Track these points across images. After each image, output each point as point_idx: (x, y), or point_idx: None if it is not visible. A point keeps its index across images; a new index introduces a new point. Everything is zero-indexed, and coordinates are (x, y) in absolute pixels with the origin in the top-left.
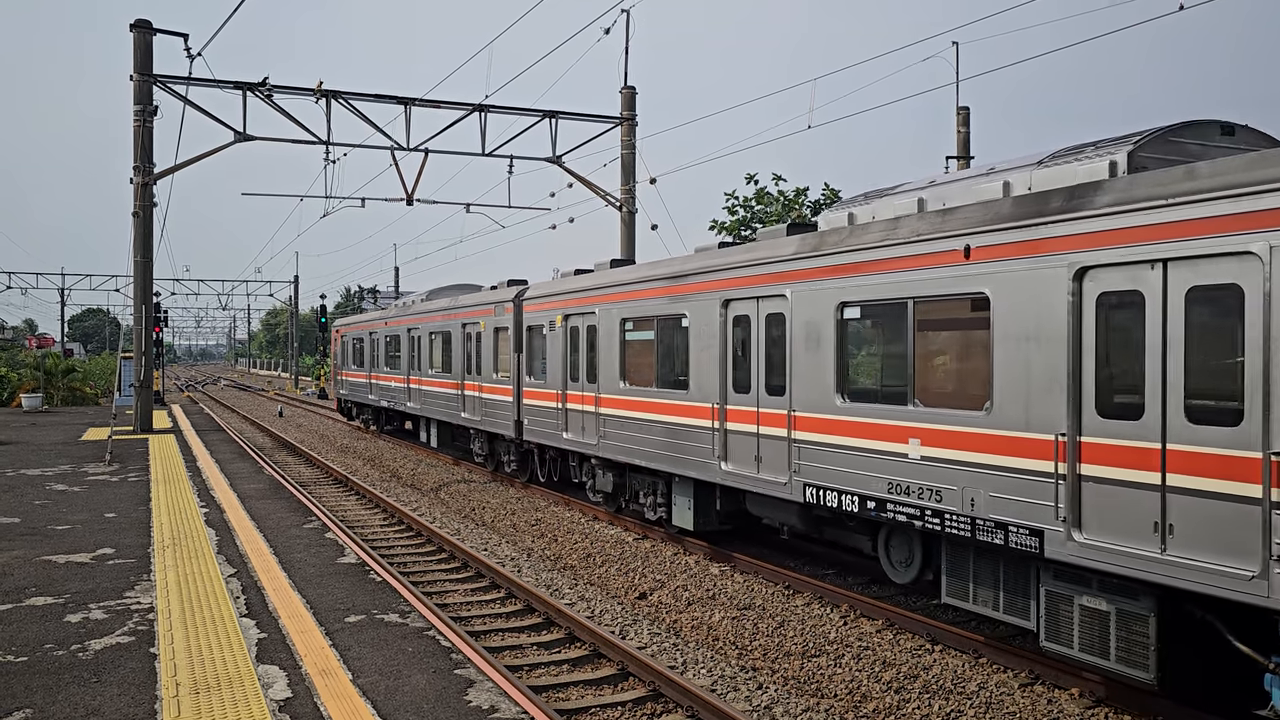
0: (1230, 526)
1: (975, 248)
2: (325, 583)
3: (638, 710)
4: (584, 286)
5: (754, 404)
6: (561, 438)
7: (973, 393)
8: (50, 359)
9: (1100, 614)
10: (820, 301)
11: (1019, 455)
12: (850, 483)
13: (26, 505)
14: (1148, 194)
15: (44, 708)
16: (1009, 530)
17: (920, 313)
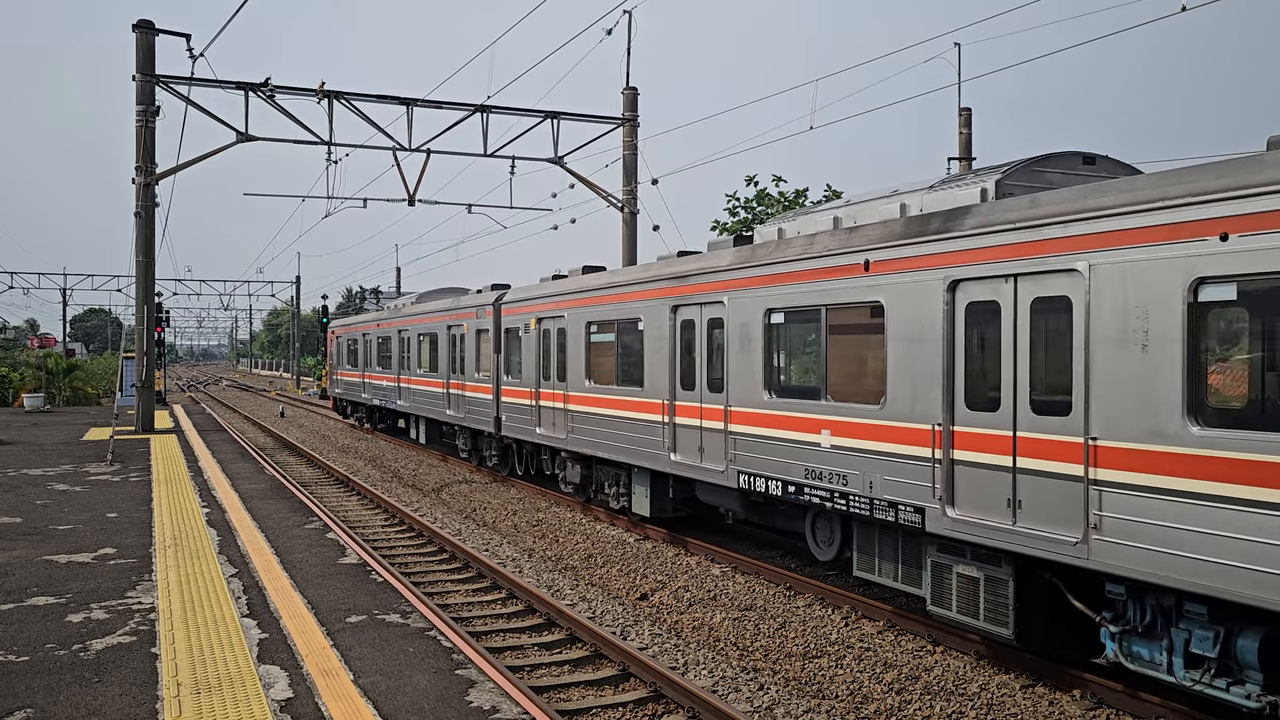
0: (1061, 500)
1: (873, 262)
2: (327, 583)
3: (639, 711)
4: (555, 292)
5: (698, 400)
6: (535, 433)
7: (871, 389)
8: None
9: (973, 580)
10: (751, 308)
11: (906, 443)
12: (775, 470)
13: (28, 505)
14: (1003, 219)
15: (45, 707)
16: (899, 509)
17: (831, 318)
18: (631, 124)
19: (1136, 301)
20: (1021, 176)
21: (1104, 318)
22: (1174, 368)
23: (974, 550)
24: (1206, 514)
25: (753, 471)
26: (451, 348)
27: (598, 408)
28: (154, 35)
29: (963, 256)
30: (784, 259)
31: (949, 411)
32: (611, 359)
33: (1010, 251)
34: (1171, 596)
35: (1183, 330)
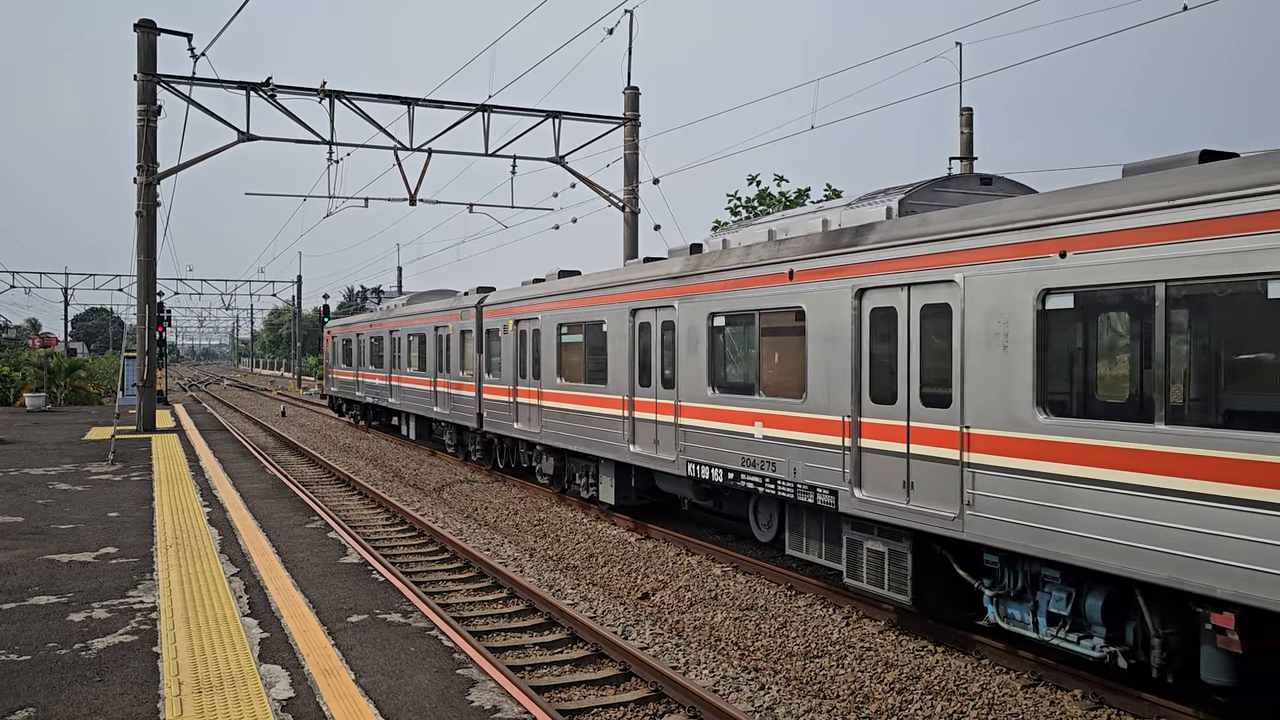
0: (943, 481)
1: (796, 271)
2: (328, 582)
3: (640, 710)
4: (530, 295)
5: (653, 396)
6: (513, 428)
7: (795, 385)
8: (54, 358)
9: (879, 554)
10: (698, 312)
11: (823, 433)
12: (717, 458)
13: (30, 504)
14: (899, 235)
15: (47, 706)
16: (817, 491)
17: (763, 322)
18: (633, 124)
19: (999, 308)
20: (923, 196)
21: (975, 323)
22: (1027, 365)
23: (880, 527)
24: (1054, 490)
25: (699, 461)
26: (438, 348)
27: (568, 404)
28: (155, 35)
29: (867, 268)
30: (724, 268)
31: (857, 405)
32: (580, 358)
33: (904, 264)
34: (1034, 564)
35: (1033, 333)
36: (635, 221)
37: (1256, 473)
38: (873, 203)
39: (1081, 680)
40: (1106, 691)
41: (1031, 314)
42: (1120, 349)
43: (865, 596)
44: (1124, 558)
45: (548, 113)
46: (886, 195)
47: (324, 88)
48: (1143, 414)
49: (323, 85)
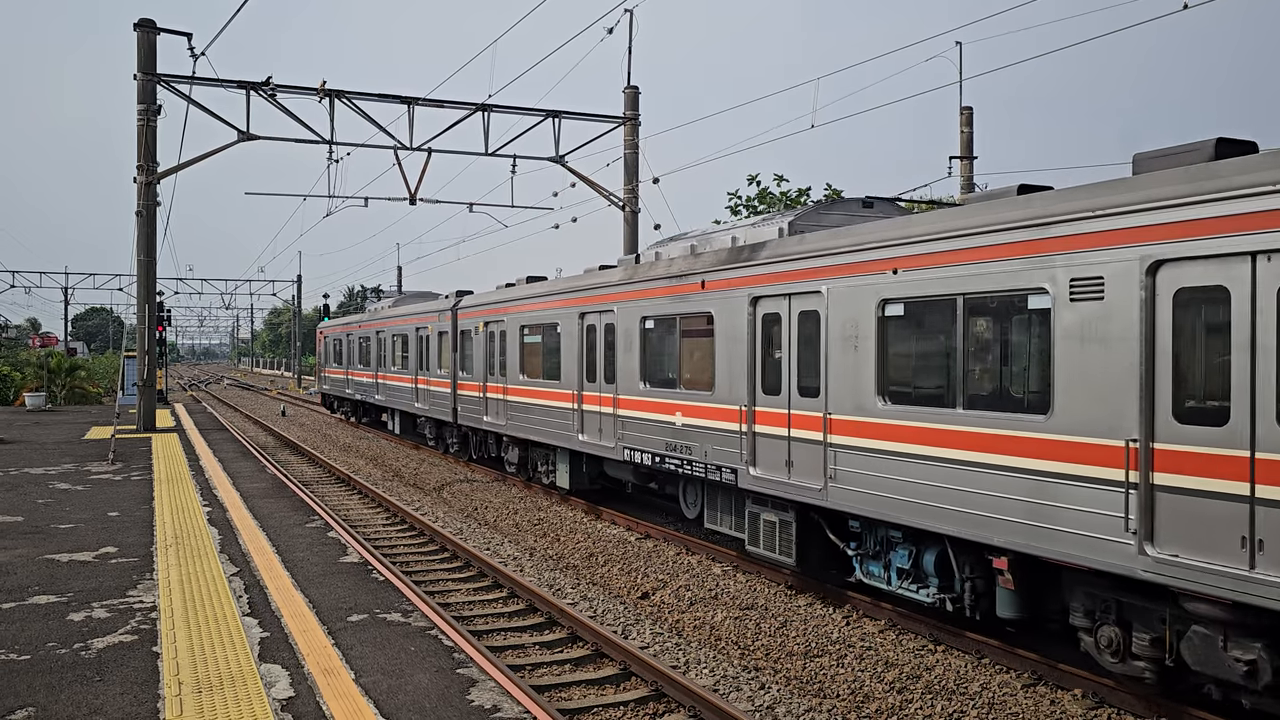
0: (814, 459)
1: (707, 281)
2: (328, 582)
3: (640, 710)
4: (498, 299)
5: (598, 390)
6: (483, 421)
7: (707, 379)
8: (54, 358)
9: (772, 523)
10: (633, 315)
11: (727, 420)
12: (648, 444)
13: (29, 504)
14: (783, 253)
15: (46, 706)
16: (723, 471)
17: (682, 325)
18: (633, 123)
19: (852, 315)
20: (810, 218)
21: (835, 327)
22: (871, 361)
23: (771, 500)
24: (891, 465)
25: (634, 447)
26: (419, 347)
27: (529, 398)
28: (155, 34)
29: (760, 280)
30: (653, 277)
31: (752, 395)
32: (538, 357)
33: (786, 277)
34: (884, 527)
35: (875, 336)
36: (635, 221)
37: (1019, 445)
38: (769, 223)
39: (1082, 680)
40: (1107, 691)
41: (874, 320)
42: (936, 347)
43: (762, 561)
44: (939, 518)
45: (548, 112)
46: (781, 216)
47: (324, 87)
48: (950, 401)
49: (323, 85)
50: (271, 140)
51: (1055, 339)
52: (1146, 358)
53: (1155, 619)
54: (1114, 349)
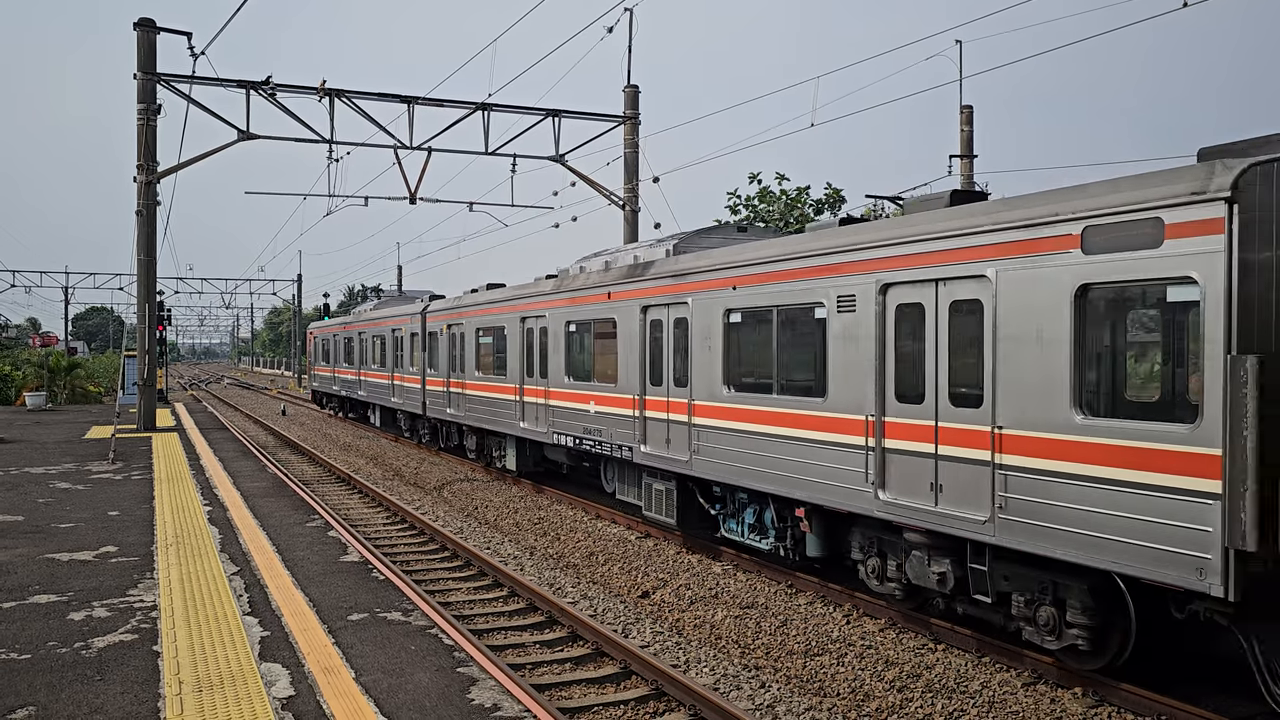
0: (684, 437)
1: (613, 293)
2: (328, 581)
3: (640, 709)
4: (459, 305)
5: (535, 384)
6: (446, 413)
7: (612, 374)
8: (54, 357)
9: (659, 491)
10: (560, 320)
11: (625, 407)
12: (570, 429)
13: (30, 503)
14: (664, 271)
15: (47, 705)
16: (622, 449)
17: (595, 329)
18: (633, 122)
19: (707, 321)
20: (691, 241)
21: (697, 330)
22: (718, 357)
23: (660, 473)
24: (734, 439)
25: (561, 432)
26: (394, 347)
27: (483, 392)
28: (155, 34)
29: (647, 292)
30: (575, 288)
31: (642, 386)
32: (490, 356)
33: (664, 290)
34: (736, 491)
35: (722, 336)
36: (635, 220)
37: (803, 421)
38: (660, 245)
39: (1083, 679)
40: (1107, 690)
41: (721, 326)
42: (762, 347)
43: (654, 524)
44: (768, 481)
45: (548, 111)
46: (670, 239)
47: (324, 86)
48: (771, 389)
49: (322, 84)
50: (271, 139)
51: (828, 340)
52: (879, 355)
53: (899, 549)
54: (862, 348)
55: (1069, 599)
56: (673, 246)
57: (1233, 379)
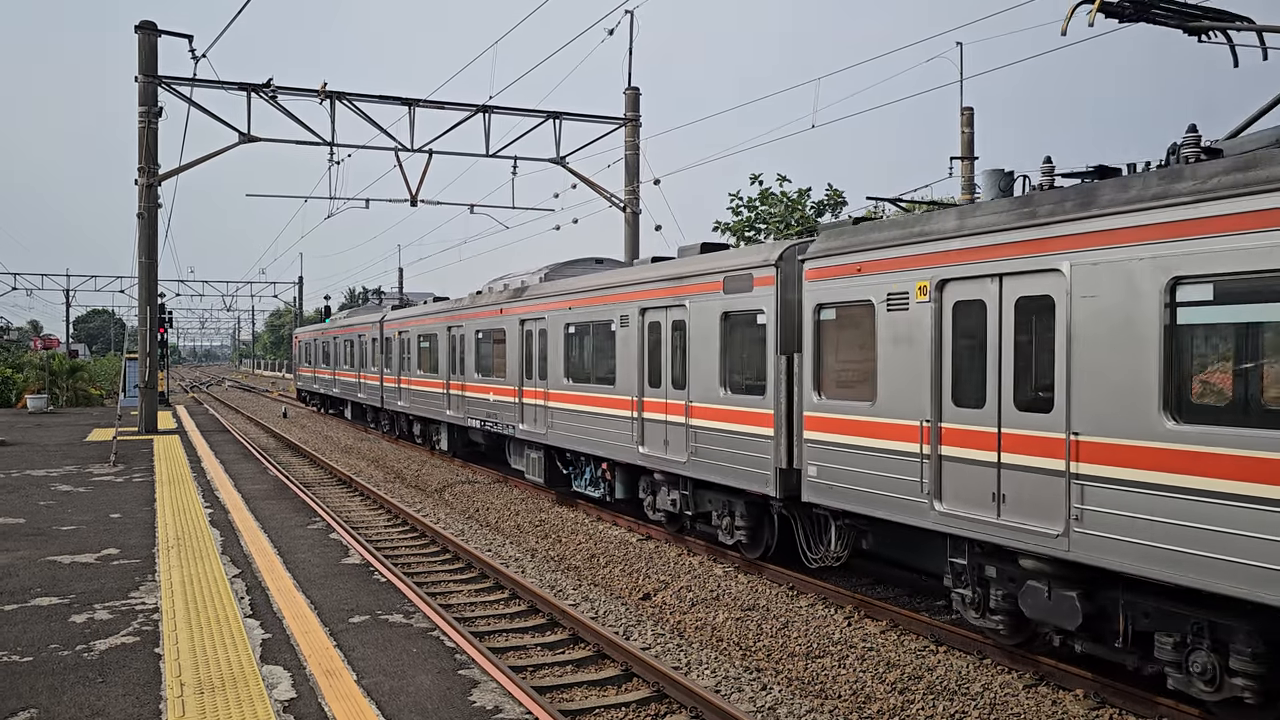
0: (545, 417)
1: (504, 309)
2: (329, 583)
3: (641, 711)
4: (407, 315)
5: (457, 379)
6: (398, 405)
7: (502, 369)
8: (55, 360)
9: (534, 459)
10: (472, 329)
11: (510, 396)
12: (477, 415)
13: (32, 506)
14: (534, 294)
15: (49, 708)
16: (509, 428)
17: (493, 335)
18: (633, 124)
19: (557, 331)
20: (558, 271)
21: (551, 337)
22: (561, 356)
23: (533, 445)
24: (573, 418)
25: (472, 417)
26: (360, 350)
27: (424, 387)
28: (156, 36)
29: (523, 309)
30: (481, 304)
31: (520, 380)
32: (428, 357)
33: (533, 308)
34: (581, 457)
35: (564, 342)
36: (636, 222)
37: (608, 403)
38: (537, 274)
39: (1083, 680)
40: (1108, 691)
41: (562, 334)
42: (587, 350)
43: (531, 484)
44: (589, 446)
45: (548, 113)
46: (544, 269)
47: (324, 89)
48: (586, 378)
49: (323, 86)
50: (272, 142)
51: (616, 343)
52: (640, 352)
53: (644, 479)
54: (631, 350)
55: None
56: (544, 275)
57: (787, 370)
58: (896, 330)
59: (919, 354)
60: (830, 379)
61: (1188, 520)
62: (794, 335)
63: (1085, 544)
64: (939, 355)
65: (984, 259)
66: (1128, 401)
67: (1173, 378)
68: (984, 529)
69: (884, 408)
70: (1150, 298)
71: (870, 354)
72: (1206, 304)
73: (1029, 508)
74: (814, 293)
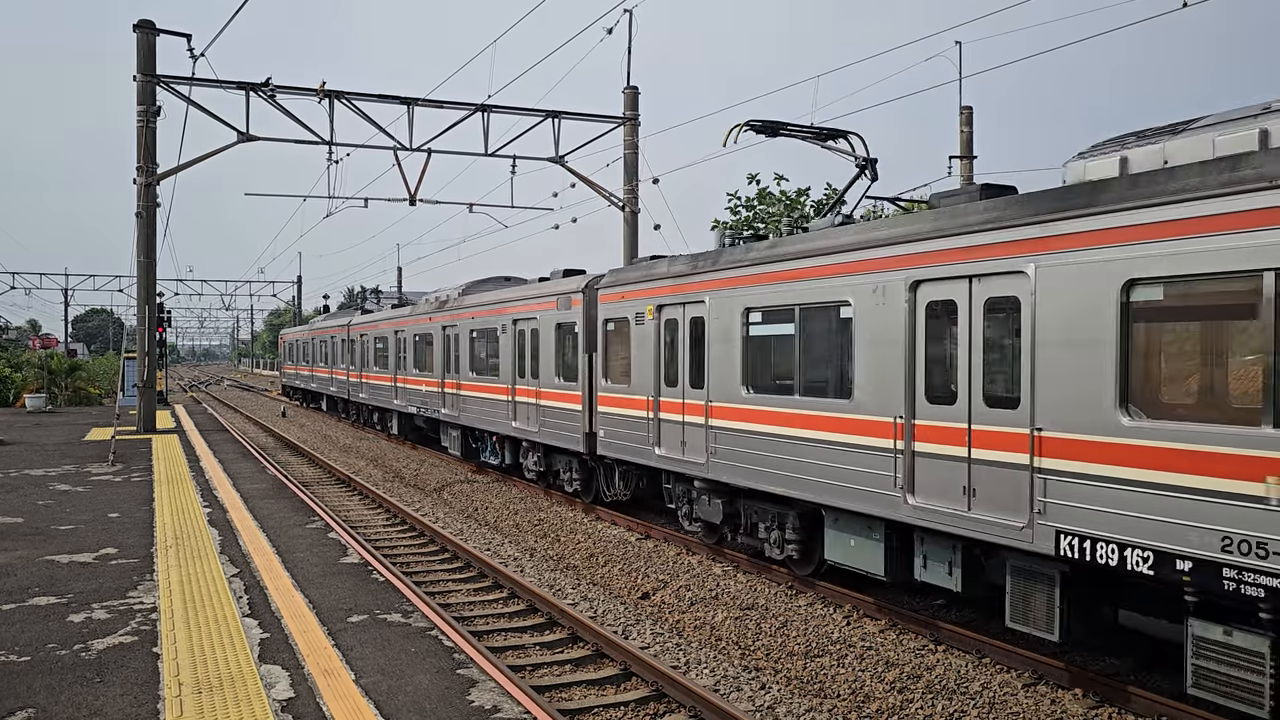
0: (460, 404)
1: (432, 317)
2: (328, 583)
3: (640, 710)
4: (368, 320)
5: (403, 373)
6: (359, 396)
7: (431, 367)
8: (54, 359)
9: (453, 436)
10: (410, 333)
11: (435, 387)
12: (414, 403)
13: (30, 505)
14: (452, 307)
15: (46, 707)
16: (435, 412)
17: (427, 339)
18: (632, 123)
19: (467, 335)
20: (475, 287)
21: (463, 339)
22: (467, 354)
23: (455, 426)
24: (474, 403)
25: (413, 405)
26: (332, 349)
27: (378, 381)
28: (154, 35)
29: (445, 318)
30: (418, 313)
31: (443, 373)
32: (383, 355)
33: (449, 317)
34: (485, 434)
35: (469, 343)
36: (635, 221)
37: (492, 389)
38: (457, 288)
39: (1084, 680)
40: (1108, 691)
41: (468, 338)
42: (486, 350)
43: (456, 458)
44: (486, 424)
45: (547, 112)
46: (463, 285)
47: (323, 88)
48: (496, 372)
49: (322, 85)
50: (271, 141)
51: (500, 344)
52: (515, 354)
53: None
54: (505, 352)
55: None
56: (461, 290)
57: (589, 364)
58: (641, 336)
59: (649, 352)
60: (612, 369)
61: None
62: (593, 340)
63: (715, 469)
64: (659, 353)
65: (674, 293)
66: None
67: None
68: (678, 464)
69: (635, 388)
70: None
71: (628, 352)
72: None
73: (692, 450)
74: (603, 311)
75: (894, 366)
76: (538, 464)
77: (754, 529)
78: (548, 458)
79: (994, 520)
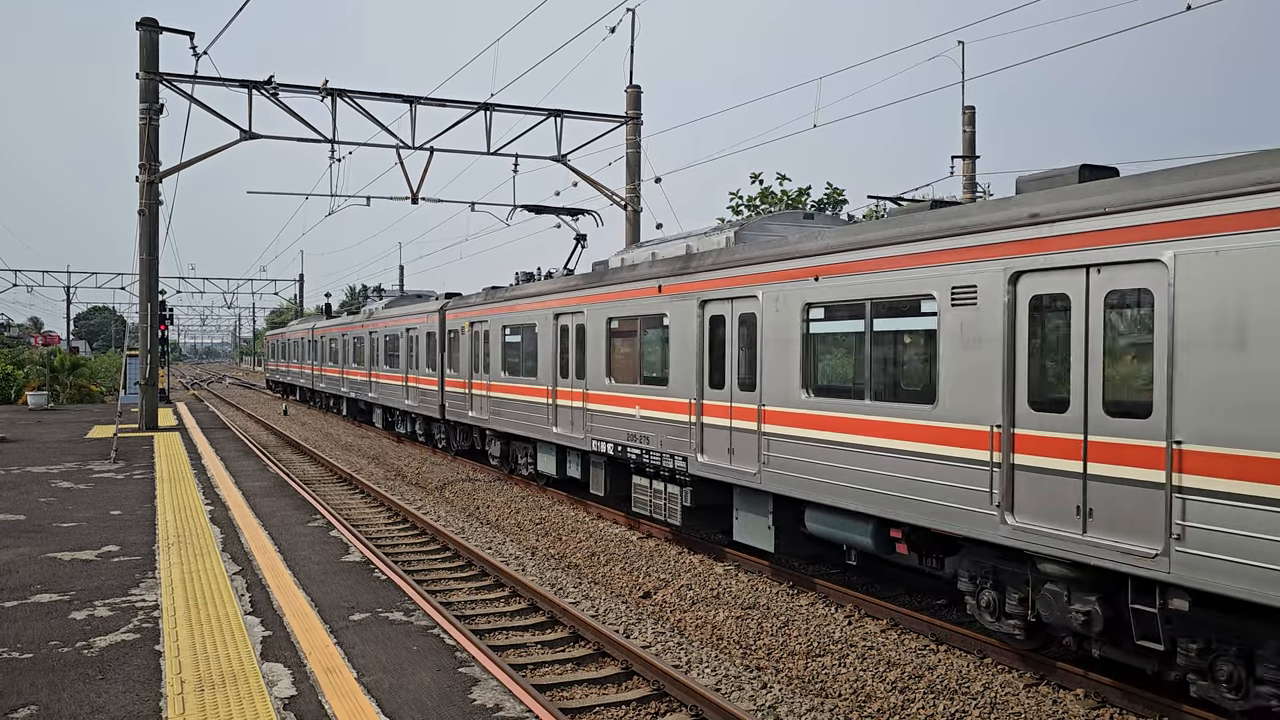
0: (420, 395)
1: (363, 325)
2: (330, 580)
3: (641, 709)
4: (331, 324)
5: (376, 370)
6: (340, 390)
7: (399, 363)
8: (56, 356)
9: (413, 420)
10: (378, 336)
11: (398, 380)
12: (382, 398)
13: (32, 502)
14: (374, 317)
15: (49, 704)
16: (420, 405)
17: (396, 339)
18: (635, 122)
19: (393, 338)
20: (395, 303)
21: (378, 340)
22: (380, 352)
23: (424, 418)
24: (391, 389)
25: (384, 398)
26: (302, 348)
27: (354, 376)
28: (158, 33)
29: (372, 326)
30: (359, 320)
31: (369, 368)
32: (355, 353)
33: (375, 325)
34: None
35: (383, 342)
36: (637, 220)
37: (423, 381)
38: (384, 302)
39: (1084, 680)
40: (1109, 691)
41: (382, 339)
42: (463, 350)
43: (423, 443)
44: (383, 400)
45: (550, 111)
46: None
47: (326, 86)
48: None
49: (325, 83)
50: (273, 139)
51: (401, 347)
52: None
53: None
54: (464, 352)
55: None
56: (385, 304)
57: (439, 360)
58: (472, 339)
59: (470, 351)
60: (454, 364)
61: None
62: (444, 343)
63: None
64: (474, 351)
65: (494, 312)
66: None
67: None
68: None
69: (463, 378)
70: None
71: (459, 352)
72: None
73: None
74: (449, 324)
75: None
76: (413, 426)
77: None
78: (425, 424)
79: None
